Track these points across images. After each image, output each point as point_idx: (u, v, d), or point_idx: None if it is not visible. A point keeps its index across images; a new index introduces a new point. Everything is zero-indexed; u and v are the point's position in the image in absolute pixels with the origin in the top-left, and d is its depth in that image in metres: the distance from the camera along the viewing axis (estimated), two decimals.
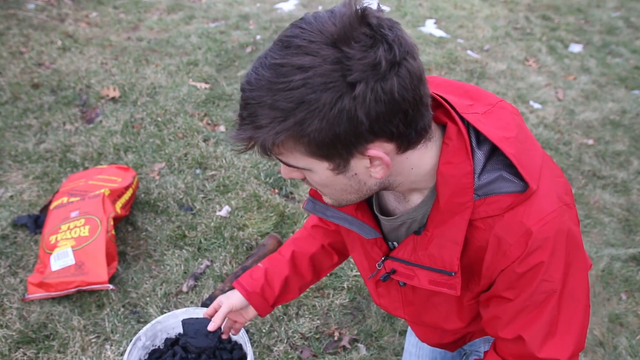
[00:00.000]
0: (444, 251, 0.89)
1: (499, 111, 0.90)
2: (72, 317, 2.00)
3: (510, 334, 0.93)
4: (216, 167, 2.77)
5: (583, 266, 0.90)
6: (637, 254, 2.47)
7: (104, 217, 2.18)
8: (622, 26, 4.82)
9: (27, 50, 3.73)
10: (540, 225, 0.83)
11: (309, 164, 0.79)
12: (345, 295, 2.15)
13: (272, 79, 0.71)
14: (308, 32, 0.71)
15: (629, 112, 3.59)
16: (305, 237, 1.33)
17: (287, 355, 1.92)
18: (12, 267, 2.19)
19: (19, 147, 2.83)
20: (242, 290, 1.29)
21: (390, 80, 0.70)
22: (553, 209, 0.84)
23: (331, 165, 0.79)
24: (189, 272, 2.21)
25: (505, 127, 0.87)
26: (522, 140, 0.87)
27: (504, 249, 0.85)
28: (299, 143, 0.74)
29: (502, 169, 0.85)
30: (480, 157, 0.86)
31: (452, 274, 0.90)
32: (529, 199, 0.84)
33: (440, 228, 0.88)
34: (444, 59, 4.00)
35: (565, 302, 0.89)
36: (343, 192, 0.86)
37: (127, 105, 3.21)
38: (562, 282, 0.87)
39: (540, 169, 0.87)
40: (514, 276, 0.87)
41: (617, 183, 2.94)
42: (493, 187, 0.85)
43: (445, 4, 4.97)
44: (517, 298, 0.89)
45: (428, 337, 1.27)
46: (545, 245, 0.84)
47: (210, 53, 3.81)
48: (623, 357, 2.02)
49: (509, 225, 0.84)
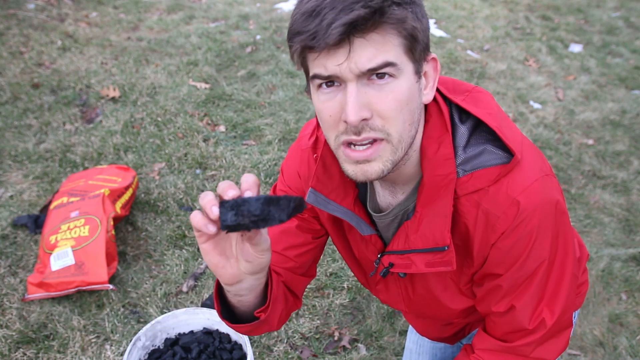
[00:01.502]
0: (434, 226, 0.91)
1: (477, 94, 0.95)
2: (72, 317, 2.00)
3: (503, 307, 0.95)
4: (216, 167, 2.77)
5: (570, 233, 0.93)
6: (637, 254, 2.47)
7: (104, 217, 2.18)
8: (622, 26, 4.82)
9: (27, 50, 3.73)
10: (525, 195, 0.85)
11: (404, 62, 0.80)
12: (345, 295, 2.15)
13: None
14: None
15: (629, 112, 3.58)
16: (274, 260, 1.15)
17: (287, 355, 1.92)
18: (12, 267, 2.19)
19: (19, 147, 2.82)
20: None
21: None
22: (536, 178, 0.87)
23: (414, 68, 0.82)
24: (189, 272, 2.21)
25: (485, 106, 0.91)
26: (503, 117, 0.92)
27: (492, 222, 0.88)
28: (400, 34, 0.78)
29: (486, 143, 0.89)
30: (464, 131, 0.89)
31: (445, 248, 0.91)
32: (512, 171, 0.87)
33: (428, 206, 0.91)
34: (444, 59, 4.00)
35: (554, 271, 0.91)
36: (411, 119, 0.84)
37: (127, 105, 3.21)
38: (550, 250, 0.89)
39: (521, 141, 0.90)
40: (504, 249, 0.89)
41: (617, 183, 2.94)
42: (479, 160, 0.88)
43: (445, 4, 4.97)
44: (509, 271, 0.91)
45: (428, 330, 1.28)
46: (533, 215, 0.86)
47: (210, 53, 3.81)
48: (623, 357, 2.02)
49: (495, 198, 0.86)
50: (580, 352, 2.04)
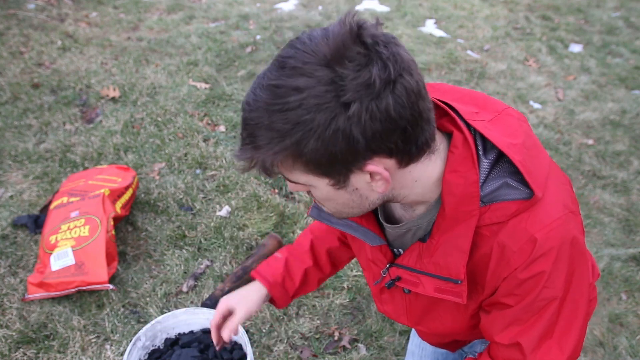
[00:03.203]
0: (450, 259, 0.89)
1: (506, 118, 0.90)
2: (72, 317, 2.00)
3: (506, 339, 0.92)
4: (216, 167, 2.77)
5: (586, 275, 0.89)
6: (637, 254, 2.47)
7: (104, 217, 2.18)
8: (622, 26, 4.82)
9: (27, 50, 3.73)
10: (544, 233, 0.82)
11: (310, 180, 0.80)
12: (345, 295, 2.15)
13: (268, 100, 0.72)
14: (302, 53, 0.71)
15: (629, 112, 3.59)
16: (323, 229, 1.31)
17: (287, 355, 1.92)
18: (12, 267, 2.19)
19: (19, 147, 2.83)
20: (263, 281, 1.26)
21: (386, 99, 0.71)
22: (558, 216, 0.83)
23: (331, 181, 0.79)
24: (189, 272, 2.21)
25: (512, 133, 0.87)
26: (529, 146, 0.87)
27: (507, 257, 0.85)
28: (298, 162, 0.76)
29: (507, 176, 0.85)
30: (486, 165, 0.86)
31: (458, 282, 0.89)
32: (534, 206, 0.83)
33: (446, 235, 0.88)
34: (444, 59, 4.00)
35: (565, 310, 0.88)
36: (345, 206, 0.86)
37: (127, 105, 3.21)
38: (564, 289, 0.86)
39: (546, 176, 0.86)
40: (516, 282, 0.86)
41: (617, 183, 2.94)
42: (498, 194, 0.84)
43: (445, 4, 4.97)
44: (518, 304, 0.88)
45: (430, 338, 1.27)
46: (549, 254, 0.83)
47: (210, 53, 3.81)
48: (623, 357, 2.02)
49: (513, 233, 0.84)
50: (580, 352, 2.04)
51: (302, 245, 1.30)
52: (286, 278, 1.27)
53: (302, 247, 1.30)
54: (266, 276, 1.26)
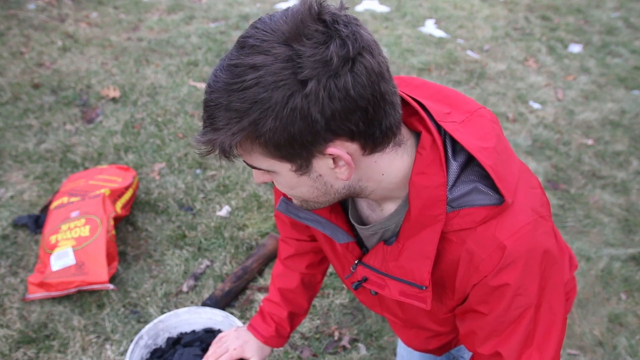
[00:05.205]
0: (415, 264, 0.87)
1: (478, 119, 0.87)
2: (73, 317, 2.00)
3: (487, 350, 0.91)
4: (216, 167, 2.77)
5: (559, 280, 0.88)
6: (637, 254, 2.47)
7: (104, 217, 2.18)
8: (621, 26, 4.82)
9: (27, 50, 3.74)
10: (513, 240, 0.81)
11: (271, 165, 0.78)
12: (345, 295, 2.16)
13: (227, 80, 0.70)
14: (262, 32, 0.70)
15: (628, 112, 3.59)
16: (283, 273, 1.33)
17: (287, 355, 1.92)
18: (13, 267, 2.19)
19: (19, 147, 2.83)
20: (259, 337, 1.33)
21: (344, 77, 0.69)
22: (527, 222, 0.82)
23: (293, 166, 0.77)
24: (189, 272, 2.22)
25: (483, 136, 0.84)
26: (500, 150, 0.85)
27: (476, 263, 0.83)
28: (256, 144, 0.73)
29: (477, 181, 0.83)
30: (455, 168, 0.83)
31: (422, 287, 0.88)
32: (503, 213, 0.82)
33: (411, 240, 0.86)
34: (443, 59, 4.00)
35: (541, 316, 0.87)
36: (310, 194, 0.84)
37: (127, 105, 3.21)
38: (538, 295, 0.85)
39: (517, 181, 0.84)
40: (487, 289, 0.85)
41: (617, 183, 2.95)
42: (467, 199, 0.82)
43: (445, 4, 4.98)
44: (492, 313, 0.87)
45: (413, 342, 1.26)
46: (518, 260, 0.82)
47: (210, 53, 3.81)
48: (623, 357, 2.03)
49: (482, 239, 0.82)
50: (580, 352, 2.04)
51: (274, 299, 1.34)
52: (278, 327, 1.34)
53: (275, 300, 1.34)
54: (262, 332, 1.33)
